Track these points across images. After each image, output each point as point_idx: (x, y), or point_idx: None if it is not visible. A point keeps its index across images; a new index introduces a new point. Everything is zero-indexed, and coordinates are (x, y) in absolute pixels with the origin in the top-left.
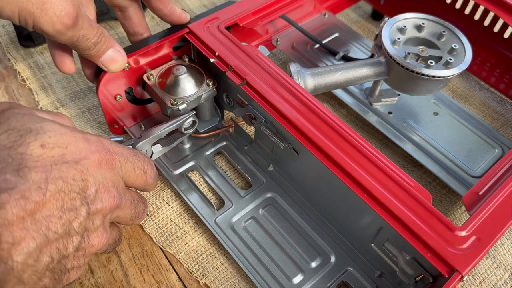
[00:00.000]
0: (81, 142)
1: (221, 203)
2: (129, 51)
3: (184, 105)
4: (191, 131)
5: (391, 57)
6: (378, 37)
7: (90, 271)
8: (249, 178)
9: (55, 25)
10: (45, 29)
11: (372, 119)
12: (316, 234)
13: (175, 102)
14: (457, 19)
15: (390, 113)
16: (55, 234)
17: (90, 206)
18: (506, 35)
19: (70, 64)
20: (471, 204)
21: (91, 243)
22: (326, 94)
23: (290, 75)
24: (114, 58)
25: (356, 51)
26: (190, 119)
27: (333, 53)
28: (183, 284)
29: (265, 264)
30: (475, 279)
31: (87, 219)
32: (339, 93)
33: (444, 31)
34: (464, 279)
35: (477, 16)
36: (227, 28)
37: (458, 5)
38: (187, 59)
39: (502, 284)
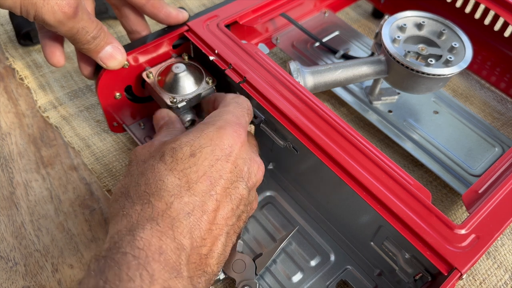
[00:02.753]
0: (220, 132)
1: None
2: (128, 48)
3: (184, 103)
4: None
5: (391, 55)
6: (378, 35)
7: None
8: None
9: (56, 14)
10: (46, 19)
11: (372, 117)
12: (316, 233)
13: (175, 100)
14: (457, 18)
15: (390, 111)
16: (232, 225)
17: (247, 184)
18: (507, 33)
19: (59, 56)
20: (471, 202)
21: (252, 208)
22: (326, 93)
23: (290, 73)
24: (113, 55)
25: (356, 50)
26: (189, 117)
27: (333, 52)
28: None
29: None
30: (475, 280)
31: (249, 196)
32: (339, 91)
33: (444, 30)
34: (464, 278)
35: (477, 15)
36: (227, 26)
37: (458, 4)
38: (186, 57)
39: (503, 285)
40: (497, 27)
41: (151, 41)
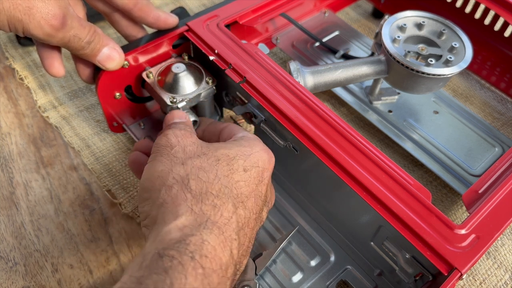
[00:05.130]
0: (264, 155)
1: None
2: (128, 49)
3: (184, 103)
4: None
5: (391, 55)
6: (378, 35)
7: (89, 271)
8: None
9: (43, 29)
10: (34, 34)
11: (372, 117)
12: (316, 233)
13: (174, 100)
14: (457, 18)
15: (390, 111)
16: (253, 244)
17: (267, 207)
18: (507, 33)
19: (58, 66)
20: (471, 202)
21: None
22: (326, 93)
23: (290, 73)
24: (111, 56)
25: (356, 50)
26: (193, 119)
27: (333, 52)
28: None
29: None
30: (476, 280)
31: (266, 217)
32: (339, 91)
33: (444, 30)
34: (464, 279)
35: (477, 15)
36: (227, 26)
37: (458, 4)
38: (186, 57)
39: (503, 285)
40: (497, 27)
41: (151, 41)
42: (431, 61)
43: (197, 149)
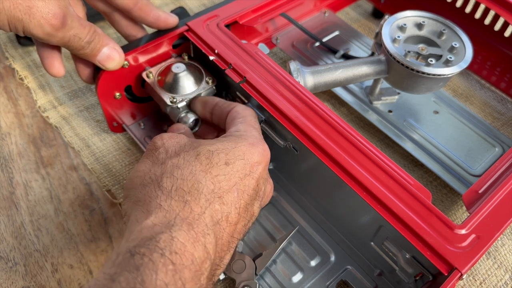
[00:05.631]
0: (253, 148)
1: None
2: (128, 49)
3: (183, 103)
4: (195, 130)
5: (391, 55)
6: (378, 35)
7: (89, 271)
8: None
9: (43, 28)
10: (35, 33)
11: (372, 117)
12: (316, 233)
13: (174, 100)
14: (457, 18)
15: (390, 111)
16: (239, 240)
17: (260, 203)
18: (507, 33)
19: (59, 66)
20: (471, 202)
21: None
22: (326, 93)
23: (290, 73)
24: (111, 56)
25: (356, 50)
26: (193, 118)
27: (333, 52)
28: None
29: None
30: (476, 280)
31: (258, 211)
32: (339, 91)
33: (444, 29)
34: (464, 279)
35: (477, 15)
36: (227, 26)
37: (458, 4)
38: (186, 57)
39: (503, 285)
40: (497, 27)
41: (151, 41)
42: (431, 61)
43: (180, 149)
